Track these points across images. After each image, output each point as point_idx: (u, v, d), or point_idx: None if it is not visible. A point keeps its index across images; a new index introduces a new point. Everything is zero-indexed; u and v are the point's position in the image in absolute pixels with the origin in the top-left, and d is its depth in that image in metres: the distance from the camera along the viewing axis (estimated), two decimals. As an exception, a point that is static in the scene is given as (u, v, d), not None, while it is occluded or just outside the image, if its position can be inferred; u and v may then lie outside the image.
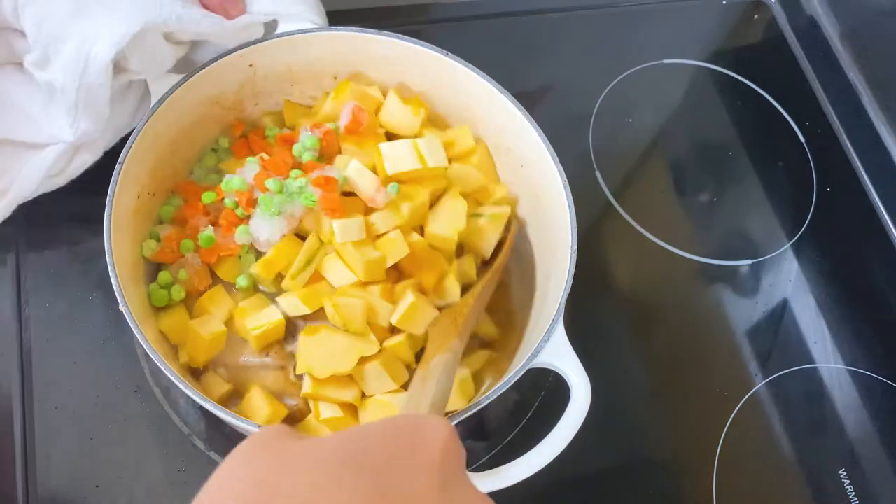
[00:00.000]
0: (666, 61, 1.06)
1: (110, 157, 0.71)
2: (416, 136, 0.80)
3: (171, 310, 0.74)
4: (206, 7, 0.74)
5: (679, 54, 1.07)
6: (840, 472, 0.84)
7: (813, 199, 1.00)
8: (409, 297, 0.71)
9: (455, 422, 0.63)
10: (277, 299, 0.72)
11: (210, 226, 0.75)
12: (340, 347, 0.69)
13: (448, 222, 0.76)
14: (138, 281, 0.74)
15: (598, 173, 0.97)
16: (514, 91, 0.79)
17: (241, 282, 0.73)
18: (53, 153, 0.76)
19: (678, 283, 0.93)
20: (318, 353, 0.69)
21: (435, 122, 0.87)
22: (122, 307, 0.65)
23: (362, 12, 1.00)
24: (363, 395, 0.71)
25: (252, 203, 0.72)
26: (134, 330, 0.64)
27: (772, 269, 0.95)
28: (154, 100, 0.74)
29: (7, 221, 0.79)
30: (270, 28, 0.80)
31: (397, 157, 0.74)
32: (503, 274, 0.80)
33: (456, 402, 0.75)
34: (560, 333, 0.68)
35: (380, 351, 0.70)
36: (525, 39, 1.05)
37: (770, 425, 0.85)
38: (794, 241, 0.97)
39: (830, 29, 1.10)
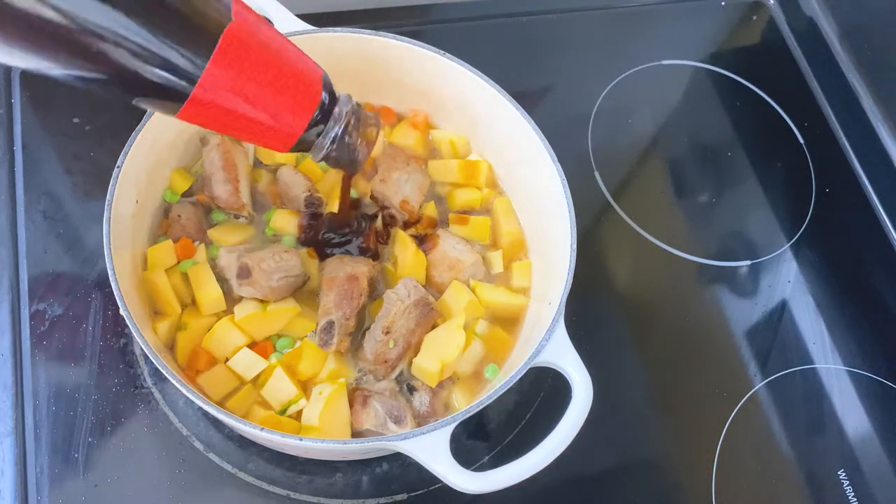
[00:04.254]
0: (665, 62, 1.07)
1: (109, 161, 0.71)
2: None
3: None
4: None
5: (678, 55, 1.07)
6: (839, 472, 0.84)
7: (812, 200, 1.00)
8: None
9: (457, 422, 0.64)
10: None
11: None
12: None
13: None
14: (138, 283, 0.74)
15: (597, 174, 0.97)
16: (513, 91, 0.79)
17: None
18: None
19: (677, 283, 0.93)
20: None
21: (434, 123, 0.88)
22: (122, 311, 0.65)
23: (362, 13, 1.00)
24: None
25: None
26: (134, 332, 0.64)
27: (771, 269, 0.95)
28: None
29: (6, 220, 0.78)
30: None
31: None
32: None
33: (458, 402, 0.75)
34: (561, 332, 0.68)
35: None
36: (524, 40, 1.05)
37: (769, 426, 0.85)
38: (792, 241, 0.97)
39: (829, 30, 1.11)
